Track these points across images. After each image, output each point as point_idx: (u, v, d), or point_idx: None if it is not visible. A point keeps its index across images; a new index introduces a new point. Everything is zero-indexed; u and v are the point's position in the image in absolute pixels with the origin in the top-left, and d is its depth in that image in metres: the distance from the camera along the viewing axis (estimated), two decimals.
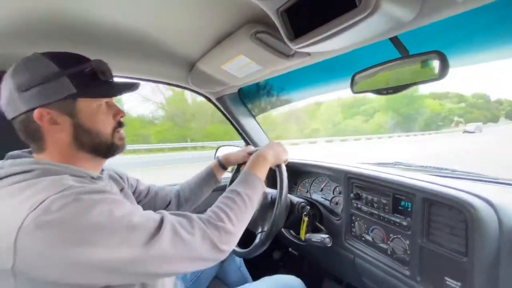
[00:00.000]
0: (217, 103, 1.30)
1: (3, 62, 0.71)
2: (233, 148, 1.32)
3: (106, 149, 0.55)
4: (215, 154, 1.34)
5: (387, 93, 0.71)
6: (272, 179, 1.32)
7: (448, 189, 0.62)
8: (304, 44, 0.59)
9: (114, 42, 0.83)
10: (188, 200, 0.90)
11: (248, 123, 1.38)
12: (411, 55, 0.65)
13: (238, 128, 1.37)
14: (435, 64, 0.59)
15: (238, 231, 0.57)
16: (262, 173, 0.72)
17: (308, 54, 0.75)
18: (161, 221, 0.47)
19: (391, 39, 0.69)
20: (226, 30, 0.77)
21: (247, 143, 1.44)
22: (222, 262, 1.07)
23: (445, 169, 1.02)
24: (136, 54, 0.92)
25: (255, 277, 0.99)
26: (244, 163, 0.96)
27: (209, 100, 1.29)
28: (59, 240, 0.37)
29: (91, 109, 0.52)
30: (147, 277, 0.46)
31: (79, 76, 0.49)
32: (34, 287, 0.39)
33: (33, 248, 0.36)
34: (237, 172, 1.04)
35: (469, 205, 0.55)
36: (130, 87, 0.56)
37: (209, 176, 0.93)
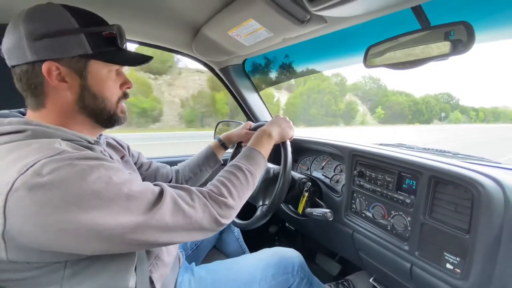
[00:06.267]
0: (220, 74, 1.24)
1: (4, 15, 0.65)
2: (233, 123, 1.29)
3: (108, 118, 0.53)
4: (215, 131, 1.31)
5: (403, 68, 0.68)
6: (274, 155, 1.31)
7: (456, 167, 0.62)
8: (322, 6, 0.55)
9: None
10: (188, 180, 0.89)
11: (251, 97, 1.34)
12: (433, 26, 0.61)
13: (241, 101, 1.33)
14: (460, 36, 0.56)
15: (238, 205, 0.57)
16: (266, 150, 0.71)
17: (325, 21, 0.70)
18: (161, 192, 0.46)
19: (413, 8, 0.65)
20: None
21: (249, 118, 1.41)
22: (221, 233, 1.09)
23: (448, 151, 1.02)
24: (134, 13, 0.85)
25: (252, 249, 1.02)
26: (247, 140, 0.94)
27: (212, 70, 1.23)
28: (52, 204, 0.35)
29: (102, 74, 0.50)
30: (145, 246, 0.45)
31: (97, 37, 0.48)
32: (24, 255, 0.37)
33: (23, 212, 0.34)
34: (237, 149, 1.02)
35: (478, 183, 0.55)
36: (146, 60, 0.54)
37: (209, 156, 0.92)
